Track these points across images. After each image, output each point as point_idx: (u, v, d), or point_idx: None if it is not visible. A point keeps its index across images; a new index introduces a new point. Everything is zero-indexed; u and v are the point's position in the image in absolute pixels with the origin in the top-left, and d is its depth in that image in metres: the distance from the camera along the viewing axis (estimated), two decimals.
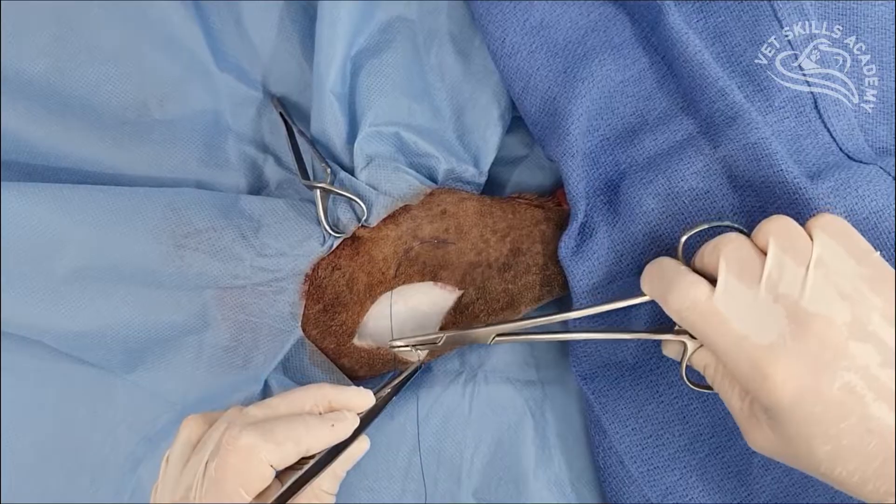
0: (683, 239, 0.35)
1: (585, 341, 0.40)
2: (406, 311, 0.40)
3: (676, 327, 0.35)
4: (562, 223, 0.41)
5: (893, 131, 0.39)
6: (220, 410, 0.35)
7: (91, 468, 0.42)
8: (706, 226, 0.35)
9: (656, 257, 0.38)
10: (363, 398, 0.35)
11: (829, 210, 0.35)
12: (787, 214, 0.35)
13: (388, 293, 0.40)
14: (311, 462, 0.33)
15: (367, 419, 0.36)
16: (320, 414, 0.34)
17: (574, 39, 0.41)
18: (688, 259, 0.34)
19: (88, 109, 0.43)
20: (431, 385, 0.42)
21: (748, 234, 0.32)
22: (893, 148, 0.39)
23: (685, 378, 0.36)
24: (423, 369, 0.43)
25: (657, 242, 0.38)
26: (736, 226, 0.34)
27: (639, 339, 0.39)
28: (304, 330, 0.41)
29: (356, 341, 0.41)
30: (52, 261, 0.39)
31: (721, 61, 0.39)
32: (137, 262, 0.39)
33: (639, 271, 0.38)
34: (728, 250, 0.31)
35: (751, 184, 0.37)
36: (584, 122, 0.39)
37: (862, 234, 0.35)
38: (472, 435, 0.40)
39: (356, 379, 0.42)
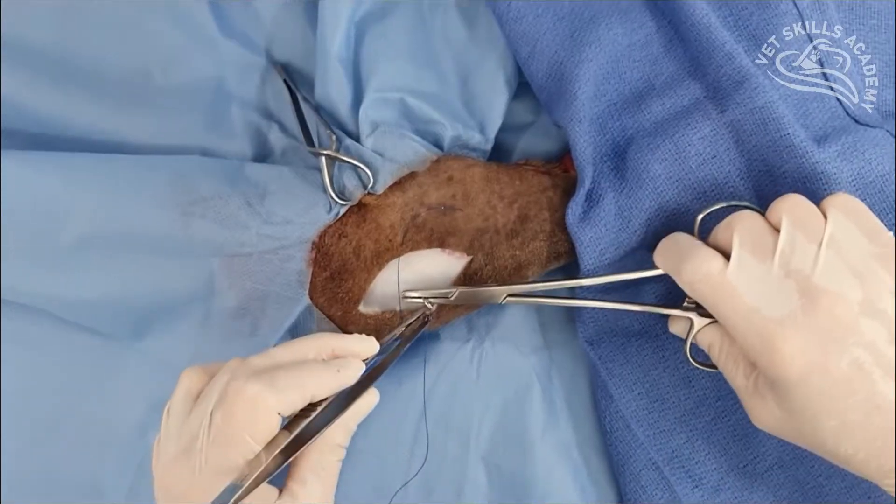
0: (700, 217, 0.35)
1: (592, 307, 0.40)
2: (414, 278, 0.40)
3: (684, 303, 0.35)
4: (569, 190, 0.41)
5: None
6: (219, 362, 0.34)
7: (98, 436, 0.42)
8: (723, 204, 0.35)
9: (665, 225, 0.38)
10: (366, 344, 0.35)
11: (835, 174, 0.35)
12: (794, 178, 0.36)
13: (396, 260, 0.40)
14: (320, 409, 0.32)
15: (377, 372, 0.35)
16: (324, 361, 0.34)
17: (580, 3, 0.40)
18: (703, 238, 0.34)
19: (91, 77, 0.43)
20: (439, 352, 0.42)
21: (763, 213, 0.32)
22: None
23: (689, 357, 0.36)
24: (431, 336, 0.43)
25: (664, 208, 0.38)
26: (751, 205, 0.34)
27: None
28: (311, 297, 0.41)
29: (362, 308, 0.41)
30: (57, 229, 0.39)
31: (728, 26, 0.39)
32: (143, 229, 0.39)
33: (646, 238, 0.38)
34: (742, 227, 0.31)
35: (758, 148, 0.36)
36: (591, 87, 0.39)
37: (868, 198, 0.36)
38: (479, 401, 0.41)
39: None
